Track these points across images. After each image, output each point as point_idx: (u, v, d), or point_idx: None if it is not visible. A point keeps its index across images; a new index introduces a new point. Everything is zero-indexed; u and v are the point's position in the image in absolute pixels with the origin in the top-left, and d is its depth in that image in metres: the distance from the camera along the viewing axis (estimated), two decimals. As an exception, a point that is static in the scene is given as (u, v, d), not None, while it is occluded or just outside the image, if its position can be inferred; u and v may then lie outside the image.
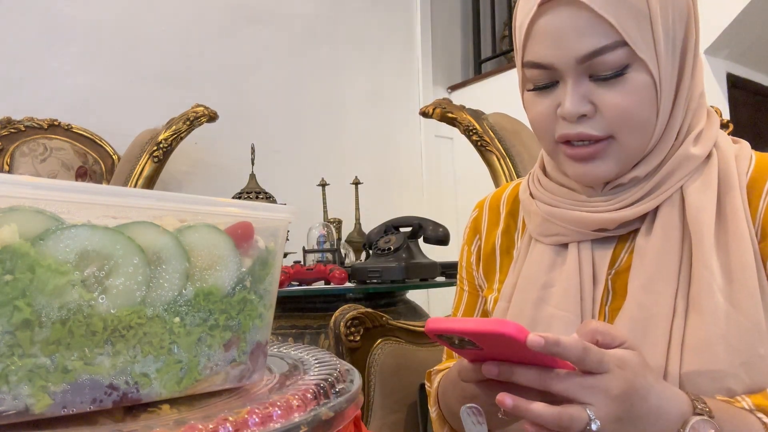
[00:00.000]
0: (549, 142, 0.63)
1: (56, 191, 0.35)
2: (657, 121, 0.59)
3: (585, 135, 0.58)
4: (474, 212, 0.81)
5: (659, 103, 0.58)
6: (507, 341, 0.46)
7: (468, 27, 3.36)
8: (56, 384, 0.35)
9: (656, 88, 0.57)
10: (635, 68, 0.56)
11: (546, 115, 0.61)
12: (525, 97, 0.64)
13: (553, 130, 0.61)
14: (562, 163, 0.63)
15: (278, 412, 0.37)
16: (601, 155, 0.59)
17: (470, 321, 0.47)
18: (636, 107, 0.57)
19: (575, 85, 0.58)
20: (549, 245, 0.66)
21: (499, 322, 0.45)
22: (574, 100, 0.57)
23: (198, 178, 2.33)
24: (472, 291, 0.79)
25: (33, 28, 2.04)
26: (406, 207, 2.76)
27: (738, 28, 2.15)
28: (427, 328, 0.50)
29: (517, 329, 0.45)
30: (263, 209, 0.46)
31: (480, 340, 0.48)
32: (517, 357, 0.49)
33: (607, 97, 0.57)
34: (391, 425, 1.07)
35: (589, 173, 0.60)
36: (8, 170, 1.89)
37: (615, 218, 0.61)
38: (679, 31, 0.59)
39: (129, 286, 0.37)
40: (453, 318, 0.50)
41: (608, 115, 0.57)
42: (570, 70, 0.57)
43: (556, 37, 0.57)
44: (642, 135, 0.59)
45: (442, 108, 1.70)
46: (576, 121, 0.58)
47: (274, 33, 2.59)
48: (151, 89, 2.24)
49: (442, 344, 0.52)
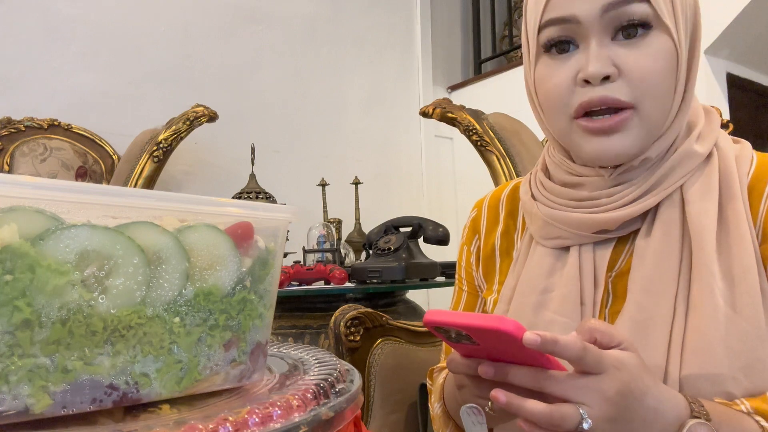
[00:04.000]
0: (564, 119, 0.60)
1: (56, 191, 0.35)
2: (675, 94, 0.58)
3: (610, 99, 0.56)
4: (473, 212, 0.81)
5: (678, 73, 0.57)
6: (504, 338, 0.46)
7: (468, 27, 3.36)
8: (56, 384, 0.35)
9: (677, 56, 0.56)
10: (659, 31, 0.55)
11: (564, 85, 0.58)
12: (539, 70, 0.61)
13: (570, 103, 0.58)
14: (578, 142, 0.60)
15: (278, 412, 0.37)
16: (623, 127, 0.57)
17: (470, 316, 0.47)
18: (660, 72, 0.56)
19: (599, 45, 0.56)
20: (550, 248, 0.65)
21: (498, 318, 0.45)
22: (598, 60, 0.55)
23: (198, 178, 2.33)
24: (472, 291, 0.78)
25: (33, 28, 2.04)
26: (406, 207, 2.76)
27: (738, 28, 2.15)
28: (425, 319, 0.50)
29: (515, 327, 0.45)
30: (263, 209, 0.46)
31: (477, 335, 0.48)
32: (512, 354, 0.49)
33: (632, 59, 0.55)
34: (391, 425, 1.07)
35: (609, 149, 0.57)
36: (8, 170, 1.89)
37: (616, 218, 0.60)
38: (691, 15, 0.59)
39: (129, 286, 0.37)
40: (452, 312, 0.50)
41: (633, 78, 0.55)
42: (593, 25, 0.56)
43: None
44: (663, 105, 0.57)
45: (442, 108, 1.70)
46: (599, 84, 0.56)
47: (274, 33, 2.59)
48: (151, 89, 2.24)
49: (438, 336, 0.52)
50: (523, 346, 0.46)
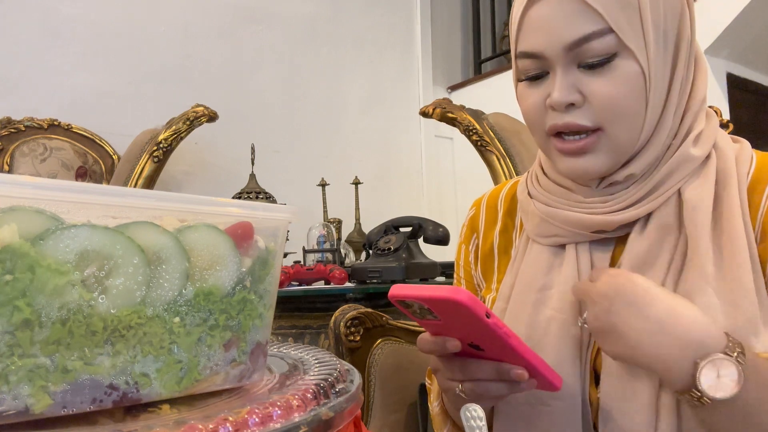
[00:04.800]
0: (541, 136, 0.63)
1: (56, 191, 0.35)
2: (646, 114, 0.58)
3: (573, 125, 0.58)
4: (471, 211, 0.81)
5: (648, 94, 0.58)
6: (462, 311, 0.47)
7: (468, 27, 3.36)
8: (56, 384, 0.35)
9: (645, 78, 0.57)
10: (623, 57, 0.56)
11: (537, 107, 0.61)
12: (518, 91, 0.64)
13: (544, 123, 0.61)
14: (553, 158, 0.63)
15: (278, 412, 0.37)
16: (591, 149, 0.59)
17: (427, 288, 0.48)
18: (624, 96, 0.57)
19: (564, 75, 0.58)
20: (546, 246, 0.66)
21: (453, 289, 0.46)
22: (561, 89, 0.57)
23: (198, 178, 2.33)
24: (470, 289, 0.79)
25: (33, 28, 2.04)
26: (406, 207, 2.76)
27: (738, 28, 2.15)
28: (390, 293, 0.51)
29: (469, 297, 0.46)
30: (263, 209, 0.46)
31: (437, 308, 0.49)
32: (473, 329, 0.50)
33: (595, 85, 0.57)
34: (391, 425, 1.07)
35: (579, 168, 0.60)
36: (8, 170, 1.89)
37: (615, 220, 0.60)
38: (671, 25, 0.59)
39: (129, 286, 0.37)
40: (415, 285, 0.50)
41: (596, 104, 0.57)
42: (559, 59, 0.58)
43: (545, 26, 0.57)
44: (631, 127, 0.58)
45: (442, 108, 1.70)
46: (564, 110, 0.58)
47: (274, 33, 2.59)
48: (151, 89, 2.24)
49: (405, 312, 0.53)
50: (481, 319, 0.47)
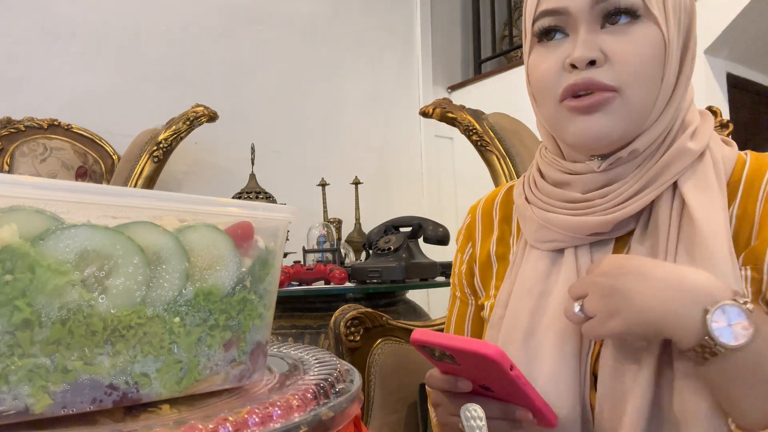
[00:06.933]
0: (552, 103, 0.62)
1: (56, 191, 0.35)
2: (662, 84, 0.59)
3: (593, 81, 0.57)
4: (467, 218, 0.81)
5: (666, 65, 0.58)
6: (486, 361, 0.49)
7: (468, 27, 3.36)
8: (56, 384, 0.35)
9: (665, 47, 0.58)
10: (646, 21, 0.57)
11: (553, 71, 0.60)
12: (531, 58, 0.64)
13: (558, 87, 0.60)
14: (564, 124, 0.61)
15: (278, 412, 0.37)
16: (606, 107, 0.58)
17: (455, 338, 0.51)
18: (645, 59, 0.57)
19: (587, 33, 0.58)
20: (545, 251, 0.65)
21: (482, 344, 0.49)
22: (585, 45, 0.58)
23: (198, 178, 2.33)
24: (464, 299, 0.79)
25: (33, 28, 2.04)
26: (406, 207, 2.76)
27: (738, 28, 2.15)
28: (412, 338, 0.54)
29: (498, 353, 0.48)
30: (263, 209, 0.46)
31: (460, 356, 0.51)
32: (491, 376, 0.52)
33: (618, 45, 0.57)
34: (391, 425, 1.07)
35: (592, 126, 0.59)
36: (8, 170, 1.89)
37: (610, 220, 0.60)
38: (685, 17, 0.60)
39: (129, 286, 0.37)
40: (438, 333, 0.53)
41: (617, 63, 0.57)
42: (583, 15, 0.58)
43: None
44: (648, 92, 0.58)
45: (442, 108, 1.70)
46: (585, 68, 0.58)
47: (274, 33, 2.59)
48: (151, 89, 2.24)
49: (422, 354, 0.56)
50: (502, 371, 0.49)
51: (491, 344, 0.49)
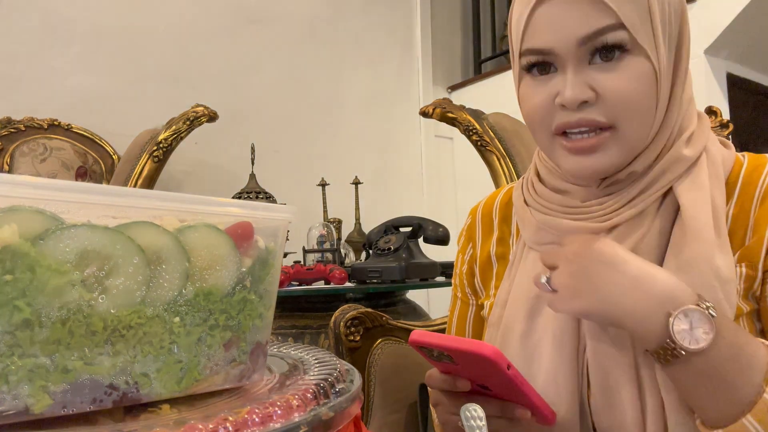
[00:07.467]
0: (546, 136, 0.61)
1: (56, 191, 0.35)
2: (656, 112, 0.58)
3: (586, 121, 0.56)
4: (468, 220, 0.81)
5: (659, 93, 0.57)
6: (483, 361, 0.50)
7: (468, 27, 3.36)
8: (56, 384, 0.35)
9: (656, 77, 0.57)
10: (635, 54, 0.56)
11: (543, 106, 0.59)
12: (521, 91, 0.63)
13: (551, 122, 0.59)
14: (558, 158, 0.61)
15: (278, 412, 0.37)
16: (603, 147, 0.57)
17: (453, 339, 0.52)
18: (638, 93, 0.56)
19: (575, 72, 0.56)
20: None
21: (479, 344, 0.50)
22: (574, 86, 0.56)
23: (198, 178, 2.33)
24: (464, 299, 0.79)
25: (33, 28, 2.04)
26: (406, 207, 2.76)
27: (738, 28, 2.15)
28: (411, 339, 0.55)
29: (494, 353, 0.49)
30: (263, 209, 0.46)
31: (458, 356, 0.52)
32: (488, 375, 0.53)
33: (608, 82, 0.56)
34: (391, 425, 1.07)
35: (588, 166, 0.58)
36: (8, 170, 1.89)
37: (605, 226, 0.60)
38: (674, 29, 0.59)
39: (129, 286, 0.37)
40: (437, 334, 0.54)
41: (610, 100, 0.56)
42: (570, 55, 0.56)
43: (557, 22, 0.56)
44: (643, 124, 0.57)
45: (442, 108, 1.70)
46: (576, 108, 0.57)
47: (274, 33, 2.59)
48: (151, 89, 2.24)
49: (421, 354, 0.56)
50: (503, 371, 0.50)
51: (487, 344, 0.50)
